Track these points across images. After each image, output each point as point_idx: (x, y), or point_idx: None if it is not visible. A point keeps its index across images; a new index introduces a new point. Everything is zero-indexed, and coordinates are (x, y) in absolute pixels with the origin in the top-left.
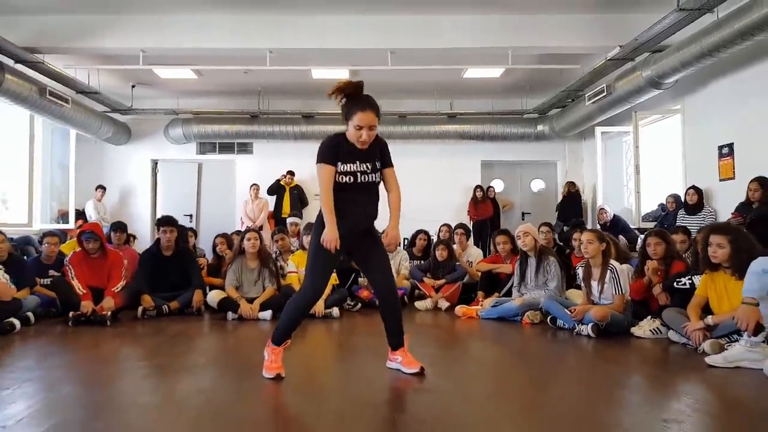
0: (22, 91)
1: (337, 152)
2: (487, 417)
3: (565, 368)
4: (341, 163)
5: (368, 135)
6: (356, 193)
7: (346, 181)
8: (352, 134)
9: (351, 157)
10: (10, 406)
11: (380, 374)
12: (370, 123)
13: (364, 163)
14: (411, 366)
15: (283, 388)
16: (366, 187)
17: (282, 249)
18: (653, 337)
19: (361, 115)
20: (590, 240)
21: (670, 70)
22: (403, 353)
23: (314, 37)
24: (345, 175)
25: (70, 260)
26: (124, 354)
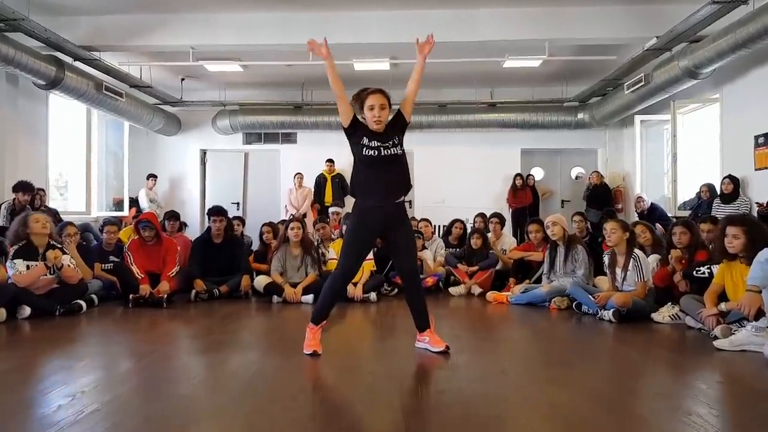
0: (80, 86)
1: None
2: (500, 389)
3: (582, 349)
4: (365, 138)
5: (380, 113)
6: (382, 164)
7: (370, 155)
8: (368, 117)
9: (371, 138)
10: (82, 378)
11: (409, 352)
12: (380, 102)
13: (386, 142)
14: (437, 345)
15: (322, 362)
16: (390, 159)
17: (323, 237)
18: (672, 322)
19: (372, 96)
20: (613, 229)
21: (706, 61)
22: (429, 334)
23: (355, 33)
24: (369, 149)
25: (129, 247)
26: (181, 333)
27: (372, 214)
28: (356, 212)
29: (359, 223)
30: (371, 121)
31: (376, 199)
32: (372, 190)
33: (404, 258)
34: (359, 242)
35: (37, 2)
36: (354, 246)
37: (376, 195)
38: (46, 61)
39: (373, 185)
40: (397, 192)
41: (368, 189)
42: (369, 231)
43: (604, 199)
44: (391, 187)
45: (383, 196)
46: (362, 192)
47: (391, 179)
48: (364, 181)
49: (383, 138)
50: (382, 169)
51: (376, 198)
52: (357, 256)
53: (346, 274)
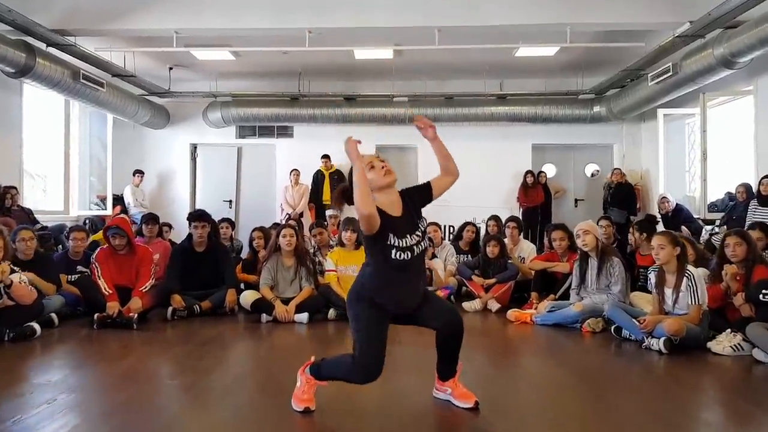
0: (54, 75)
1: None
2: None
3: (633, 394)
4: (394, 237)
5: (382, 163)
6: (411, 268)
7: (403, 258)
8: (375, 177)
9: (401, 231)
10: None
11: (421, 398)
12: (374, 156)
13: (414, 232)
14: (464, 400)
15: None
16: (420, 259)
17: (320, 244)
18: (734, 354)
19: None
20: (662, 244)
21: (746, 48)
22: (453, 384)
23: (356, 16)
24: (402, 252)
25: (97, 257)
26: (150, 366)
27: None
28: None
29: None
30: (380, 176)
31: (393, 305)
32: (391, 293)
33: (443, 317)
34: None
35: None
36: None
37: (394, 300)
38: (13, 47)
39: (393, 287)
40: (416, 298)
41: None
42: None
43: (629, 199)
44: (412, 296)
45: (402, 305)
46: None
47: (413, 288)
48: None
49: (409, 225)
50: (409, 272)
51: (392, 303)
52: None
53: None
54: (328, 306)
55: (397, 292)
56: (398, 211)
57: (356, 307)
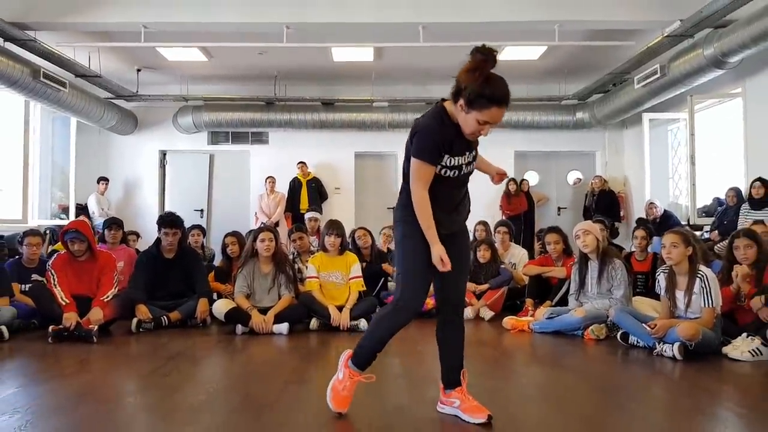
0: (12, 72)
1: (449, 145)
2: None
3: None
4: (448, 156)
5: (488, 132)
6: (455, 188)
7: (448, 176)
8: (468, 125)
9: (460, 149)
10: None
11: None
12: (498, 120)
13: (471, 152)
14: (475, 414)
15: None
16: (465, 180)
17: (300, 250)
18: (753, 359)
19: (496, 111)
20: (675, 243)
21: (738, 47)
22: (461, 395)
23: (336, 10)
24: (450, 170)
25: (53, 264)
26: (111, 384)
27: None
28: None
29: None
30: (470, 133)
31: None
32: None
33: (452, 289)
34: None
35: None
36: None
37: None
38: None
39: (437, 209)
40: (460, 220)
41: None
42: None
43: (611, 206)
44: (456, 216)
45: (446, 226)
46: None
47: (457, 208)
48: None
49: (469, 145)
50: (452, 191)
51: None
52: (422, 283)
53: (410, 309)
54: (309, 315)
55: (443, 207)
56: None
57: (403, 230)
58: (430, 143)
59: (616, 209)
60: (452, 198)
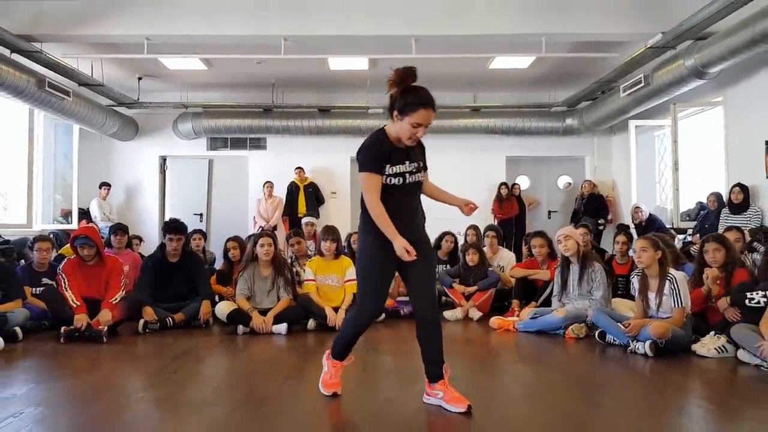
0: (18, 83)
1: (387, 156)
2: None
3: (619, 395)
4: (390, 166)
5: (423, 133)
6: (403, 196)
7: (393, 184)
8: (404, 130)
9: (399, 158)
10: None
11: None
12: (429, 122)
13: (414, 162)
14: (456, 404)
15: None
16: (413, 188)
17: (298, 254)
18: (719, 356)
19: (424, 113)
20: (644, 247)
21: (717, 59)
22: (444, 387)
23: (332, 23)
24: (394, 177)
25: (64, 268)
26: (121, 381)
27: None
28: (373, 238)
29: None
30: (405, 138)
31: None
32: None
33: (421, 292)
34: (378, 271)
35: None
36: (372, 276)
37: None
38: None
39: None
40: (415, 228)
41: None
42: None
43: (600, 210)
44: (410, 224)
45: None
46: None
47: (410, 216)
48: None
49: (411, 155)
50: (401, 200)
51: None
52: (379, 288)
53: (372, 313)
54: (307, 316)
55: (395, 217)
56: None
57: (365, 241)
58: (370, 156)
59: (605, 213)
60: (402, 207)
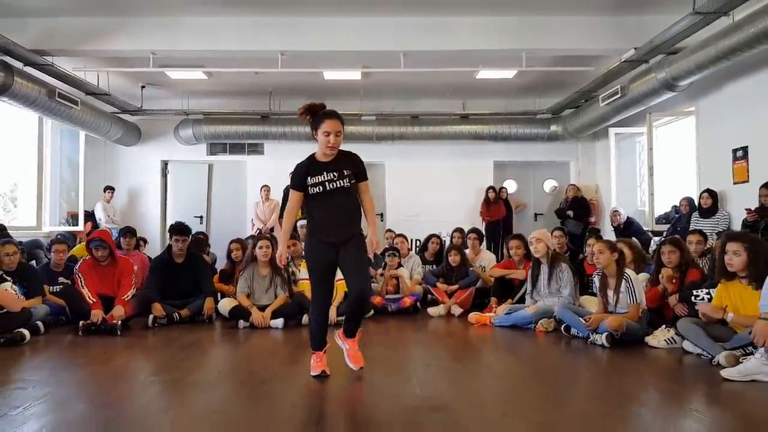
0: (31, 93)
1: (307, 173)
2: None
3: (579, 381)
4: (310, 177)
5: (335, 140)
6: (327, 200)
7: (316, 192)
8: (321, 141)
9: (318, 170)
10: (21, 428)
11: (397, 390)
12: (336, 128)
13: (331, 172)
14: (354, 361)
15: (297, 405)
16: (335, 193)
17: (294, 255)
18: (668, 346)
19: (328, 122)
20: (601, 250)
21: (685, 73)
22: (352, 343)
23: (326, 39)
24: (314, 186)
25: (80, 268)
26: (136, 367)
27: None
28: (309, 243)
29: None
30: (324, 148)
31: (325, 236)
32: (318, 225)
33: (353, 281)
34: (316, 268)
35: None
36: (313, 273)
37: (324, 231)
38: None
39: (319, 220)
40: (344, 229)
41: (315, 223)
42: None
43: (583, 212)
44: (337, 226)
45: (331, 234)
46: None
47: (336, 218)
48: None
49: (330, 168)
50: (326, 203)
51: (324, 234)
52: (320, 281)
53: (319, 300)
54: (302, 312)
55: (323, 219)
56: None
57: (306, 243)
58: (296, 176)
59: (587, 215)
60: (329, 210)
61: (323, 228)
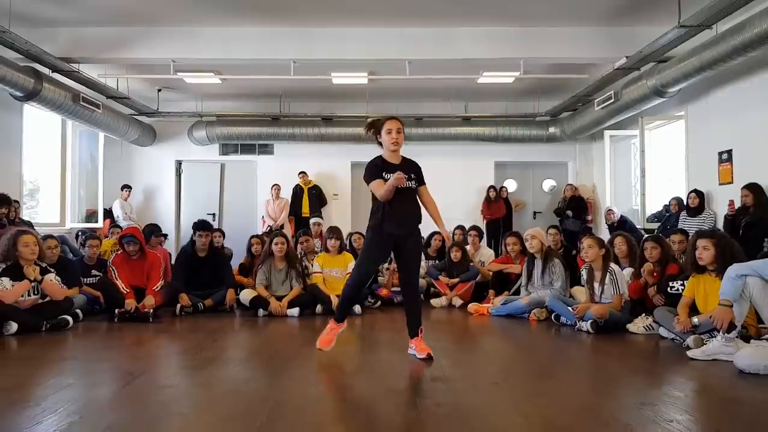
0: (57, 98)
1: (382, 168)
2: (494, 402)
3: (564, 360)
4: (385, 173)
5: (398, 136)
6: (402, 197)
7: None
8: (386, 141)
9: (391, 170)
10: (76, 401)
11: (402, 365)
12: (397, 126)
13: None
14: (420, 351)
15: (318, 376)
16: (406, 192)
17: (306, 250)
18: (646, 333)
19: (390, 122)
20: (590, 245)
21: (673, 81)
22: (417, 341)
23: (335, 48)
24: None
25: (113, 262)
26: (170, 349)
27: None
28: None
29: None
30: (389, 144)
31: (392, 227)
32: (387, 218)
33: (407, 275)
34: (376, 251)
35: (16, 13)
36: (370, 253)
37: (392, 223)
38: (24, 73)
39: (389, 213)
40: (410, 222)
41: (384, 216)
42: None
43: (581, 211)
44: (405, 218)
45: (397, 226)
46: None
47: (405, 212)
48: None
49: (401, 169)
50: (397, 199)
51: (391, 226)
52: (372, 262)
53: (361, 278)
54: (315, 302)
55: (393, 212)
56: (396, 161)
57: (368, 233)
58: (373, 167)
59: (585, 214)
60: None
61: (391, 221)
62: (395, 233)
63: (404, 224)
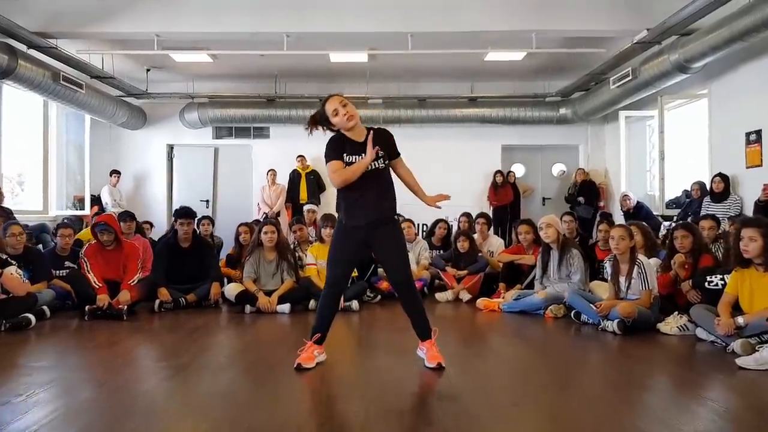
0: (35, 77)
1: (342, 147)
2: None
3: (589, 368)
4: (346, 155)
5: (347, 109)
6: (364, 181)
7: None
8: (340, 123)
9: (354, 150)
10: (25, 416)
11: (404, 376)
12: (338, 101)
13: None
14: (431, 359)
15: (306, 390)
16: (372, 175)
17: (300, 240)
18: (680, 334)
19: (328, 104)
20: (623, 236)
21: (699, 55)
22: (429, 345)
23: (332, 20)
24: (350, 166)
25: (85, 253)
26: (143, 353)
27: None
28: (340, 225)
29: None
30: (345, 123)
31: (360, 219)
32: (354, 207)
33: (395, 269)
34: (343, 250)
35: None
36: (337, 254)
37: (359, 213)
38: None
39: (355, 202)
40: (379, 210)
41: (350, 205)
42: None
43: (592, 196)
44: (373, 207)
45: (366, 215)
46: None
47: (372, 199)
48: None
49: (364, 148)
50: (363, 184)
51: (359, 217)
52: (342, 264)
53: (334, 284)
54: (308, 297)
55: (359, 200)
56: (361, 138)
57: (335, 233)
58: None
59: (596, 199)
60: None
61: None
62: (362, 224)
63: (371, 213)
